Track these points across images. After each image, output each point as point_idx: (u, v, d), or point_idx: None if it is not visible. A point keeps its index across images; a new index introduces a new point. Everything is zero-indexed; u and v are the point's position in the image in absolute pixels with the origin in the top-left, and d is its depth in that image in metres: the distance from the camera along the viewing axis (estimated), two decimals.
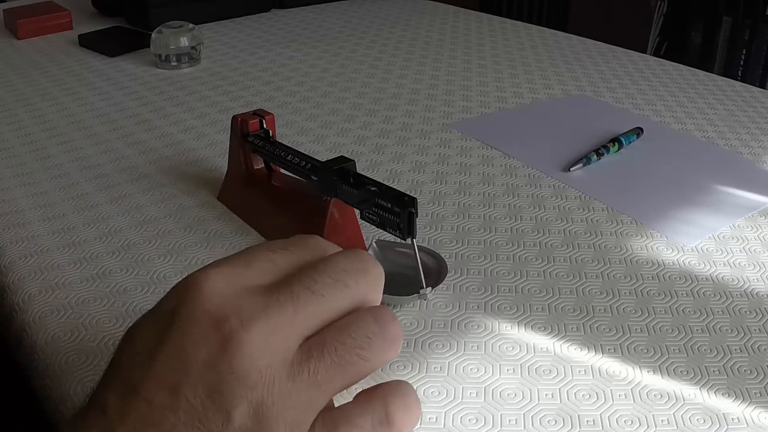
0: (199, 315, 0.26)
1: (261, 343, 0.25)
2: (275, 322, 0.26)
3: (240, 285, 0.27)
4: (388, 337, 0.28)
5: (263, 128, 0.59)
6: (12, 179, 0.69)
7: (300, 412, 0.26)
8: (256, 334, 0.25)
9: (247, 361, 0.25)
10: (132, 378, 0.26)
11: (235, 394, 0.25)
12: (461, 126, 0.82)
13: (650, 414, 0.41)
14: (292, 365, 0.26)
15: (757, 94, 0.93)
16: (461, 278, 0.53)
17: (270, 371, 0.25)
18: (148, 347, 0.26)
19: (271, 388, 0.25)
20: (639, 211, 0.63)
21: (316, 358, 0.27)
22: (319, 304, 0.27)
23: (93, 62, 1.07)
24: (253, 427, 0.25)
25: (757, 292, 0.52)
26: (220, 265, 0.28)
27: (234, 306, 0.26)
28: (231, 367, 0.25)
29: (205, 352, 0.25)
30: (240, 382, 0.25)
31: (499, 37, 1.21)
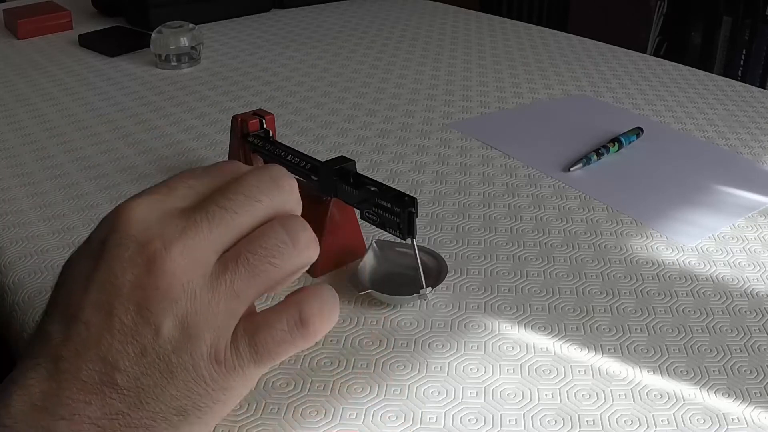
0: (125, 241, 0.28)
1: (181, 261, 0.28)
2: (193, 241, 0.28)
3: (162, 210, 0.29)
4: (298, 245, 0.30)
5: (263, 128, 0.59)
6: (12, 179, 0.69)
7: (222, 320, 0.29)
8: (176, 254, 0.28)
9: (170, 278, 0.28)
10: (71, 305, 0.28)
11: (161, 309, 0.28)
12: (461, 126, 0.82)
13: (650, 414, 0.41)
14: (211, 278, 0.29)
15: (757, 94, 0.93)
16: (461, 278, 0.53)
17: (191, 286, 0.28)
18: (83, 275, 0.29)
19: (193, 300, 0.28)
20: (639, 211, 0.63)
21: (232, 269, 0.29)
22: (232, 220, 0.29)
23: (93, 62, 1.07)
24: (180, 336, 0.28)
25: (757, 292, 0.52)
26: (144, 193, 0.30)
27: (157, 230, 0.28)
28: (156, 284, 0.28)
29: (132, 273, 0.28)
30: (164, 297, 0.28)
31: (499, 37, 1.21)
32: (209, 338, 0.28)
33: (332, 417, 0.40)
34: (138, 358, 0.28)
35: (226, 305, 0.29)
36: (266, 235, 0.30)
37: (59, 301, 0.29)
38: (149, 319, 0.28)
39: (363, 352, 0.45)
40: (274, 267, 0.30)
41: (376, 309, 0.50)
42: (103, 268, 0.28)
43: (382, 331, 0.47)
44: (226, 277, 0.29)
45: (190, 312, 0.28)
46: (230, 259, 0.29)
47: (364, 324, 0.48)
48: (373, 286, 0.50)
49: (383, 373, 0.44)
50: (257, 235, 0.30)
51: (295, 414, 0.41)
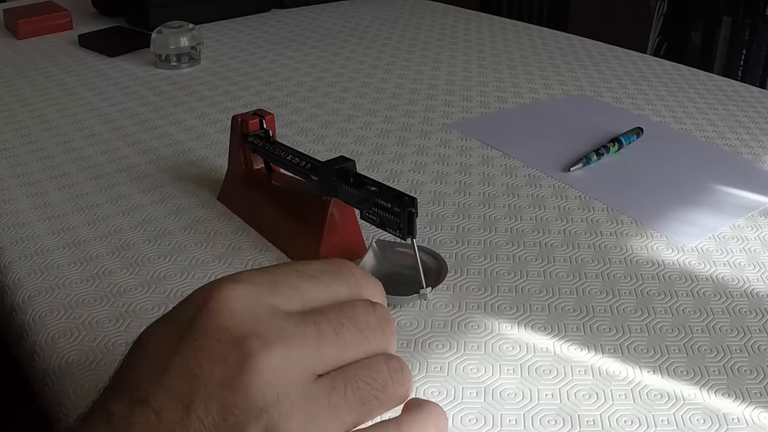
0: (218, 330, 0.25)
1: (279, 368, 0.25)
2: (297, 350, 0.26)
3: (263, 306, 0.26)
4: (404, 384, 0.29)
5: (263, 128, 0.59)
6: (12, 179, 0.69)
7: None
8: (275, 358, 0.25)
9: (265, 384, 0.25)
10: (141, 387, 0.25)
11: (248, 416, 0.24)
12: (461, 126, 0.82)
13: (650, 414, 0.41)
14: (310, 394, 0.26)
15: (757, 94, 0.93)
16: (461, 278, 0.53)
17: (288, 397, 0.25)
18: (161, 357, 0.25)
19: (288, 415, 0.25)
20: (639, 211, 0.63)
21: (339, 390, 0.27)
22: (341, 348, 0.27)
23: (93, 62, 1.07)
24: None
25: (757, 292, 0.52)
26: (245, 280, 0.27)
27: (256, 326, 0.25)
28: (246, 388, 0.24)
29: (221, 370, 0.25)
30: (254, 405, 0.24)
31: (499, 37, 1.21)
32: None
33: None
34: None
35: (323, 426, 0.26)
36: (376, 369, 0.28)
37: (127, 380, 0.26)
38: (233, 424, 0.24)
39: None
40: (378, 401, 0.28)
41: None
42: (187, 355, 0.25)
43: None
44: (330, 397, 0.26)
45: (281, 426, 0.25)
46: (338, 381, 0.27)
47: None
48: None
49: None
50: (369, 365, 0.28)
51: None
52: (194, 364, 0.25)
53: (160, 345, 0.26)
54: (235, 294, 0.26)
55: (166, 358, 0.25)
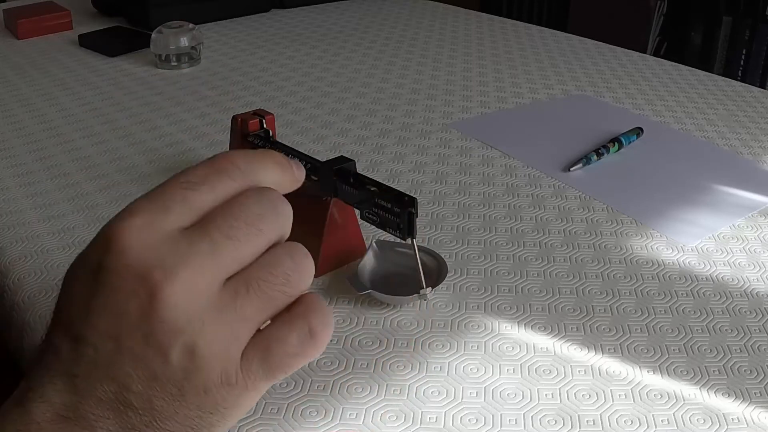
0: (123, 269, 0.28)
1: (185, 292, 0.28)
2: (196, 269, 0.28)
3: (159, 233, 0.29)
4: (303, 271, 0.31)
5: (263, 128, 0.59)
6: (12, 179, 0.69)
7: (231, 347, 0.29)
8: (179, 284, 0.27)
9: (174, 308, 0.27)
10: (75, 324, 0.28)
11: (168, 339, 0.27)
12: (461, 126, 0.82)
13: (650, 414, 0.41)
14: (217, 305, 0.28)
15: (757, 94, 0.93)
16: (461, 278, 0.53)
17: (197, 315, 0.28)
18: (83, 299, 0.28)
19: (201, 329, 0.28)
20: (639, 211, 0.63)
21: (242, 295, 0.29)
22: (236, 249, 0.29)
23: (93, 62, 1.07)
24: (189, 364, 0.28)
25: (757, 292, 0.52)
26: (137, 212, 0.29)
27: (155, 257, 0.28)
28: (160, 316, 0.27)
29: (135, 304, 0.27)
30: (170, 329, 0.27)
31: (499, 37, 1.21)
32: (219, 365, 0.29)
33: (332, 417, 0.40)
34: (149, 382, 0.28)
35: (236, 331, 0.29)
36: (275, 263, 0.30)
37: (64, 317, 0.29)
38: (157, 348, 0.28)
39: (363, 352, 0.45)
40: (283, 294, 0.30)
41: (376, 309, 0.50)
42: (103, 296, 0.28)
43: (382, 331, 0.47)
44: (236, 304, 0.29)
45: (198, 342, 0.28)
46: (240, 286, 0.29)
47: (364, 324, 0.48)
48: (373, 286, 0.50)
49: (383, 373, 0.44)
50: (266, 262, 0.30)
51: (295, 414, 0.41)
52: (112, 303, 0.28)
53: (80, 288, 0.29)
54: (131, 229, 0.28)
55: (87, 300, 0.28)
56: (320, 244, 0.52)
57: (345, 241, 0.54)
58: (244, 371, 0.29)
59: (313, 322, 0.30)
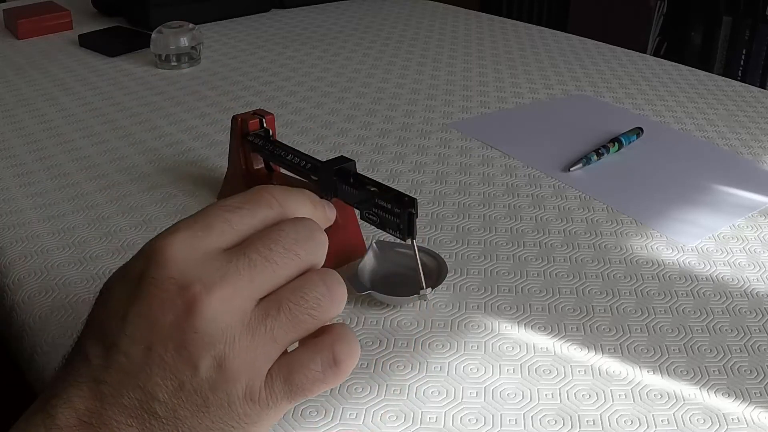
0: (164, 280, 0.29)
1: (221, 306, 0.29)
2: (234, 287, 0.29)
3: (201, 250, 0.30)
4: (335, 298, 0.32)
5: (263, 128, 0.59)
6: (12, 179, 0.69)
7: (258, 364, 0.30)
8: (216, 299, 0.29)
9: (209, 321, 0.29)
10: (109, 333, 0.29)
11: (199, 351, 0.29)
12: (461, 126, 0.82)
13: (650, 414, 0.41)
14: (250, 323, 0.30)
15: (757, 94, 0.93)
16: (461, 278, 0.53)
17: (230, 330, 0.29)
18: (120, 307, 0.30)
19: (232, 344, 0.29)
20: (639, 211, 0.63)
21: (273, 316, 0.30)
22: (273, 271, 0.31)
23: (93, 62, 1.07)
24: (217, 376, 0.29)
25: (757, 292, 0.52)
26: (181, 229, 0.31)
27: (196, 272, 0.29)
28: (194, 327, 0.29)
29: (171, 314, 0.29)
30: (203, 341, 0.29)
31: (499, 37, 1.21)
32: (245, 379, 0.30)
33: (332, 417, 0.40)
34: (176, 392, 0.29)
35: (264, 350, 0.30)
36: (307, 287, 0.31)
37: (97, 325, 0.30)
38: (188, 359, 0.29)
39: (363, 352, 0.45)
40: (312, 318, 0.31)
41: (376, 309, 0.50)
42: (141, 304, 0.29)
43: (382, 331, 0.47)
44: (266, 324, 0.30)
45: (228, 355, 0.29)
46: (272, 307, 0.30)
47: (364, 324, 0.48)
48: (373, 286, 0.50)
49: (383, 373, 0.44)
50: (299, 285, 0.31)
51: (295, 414, 0.41)
52: (148, 312, 0.29)
53: (118, 296, 0.30)
54: (175, 245, 0.30)
55: (125, 308, 0.29)
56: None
57: (345, 241, 0.54)
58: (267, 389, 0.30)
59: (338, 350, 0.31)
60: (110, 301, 0.31)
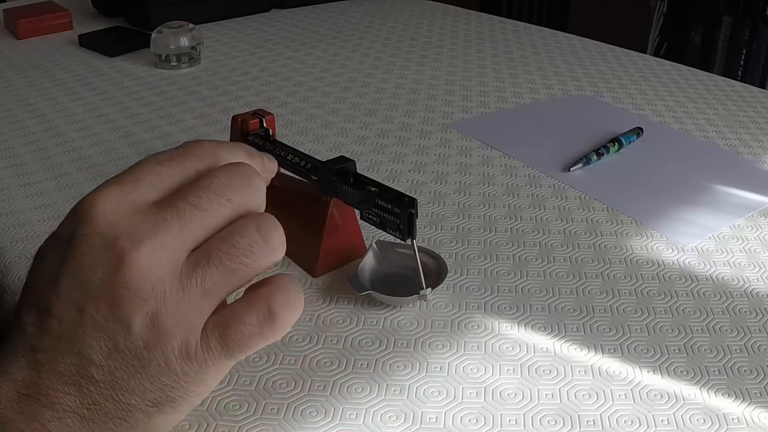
0: (93, 237, 0.28)
1: (150, 260, 0.28)
2: (162, 239, 0.28)
3: (129, 204, 0.29)
4: (270, 244, 0.30)
5: (263, 128, 0.59)
6: (12, 179, 0.69)
7: (192, 318, 0.29)
8: (145, 252, 0.28)
9: (139, 276, 0.28)
10: (42, 298, 0.29)
11: (131, 307, 0.28)
12: (461, 126, 0.82)
13: (650, 414, 0.41)
14: (180, 276, 0.29)
15: (757, 94, 0.93)
16: (461, 278, 0.53)
17: (161, 284, 0.28)
18: (52, 269, 0.29)
19: (163, 298, 0.28)
20: (639, 211, 0.63)
21: (203, 268, 0.29)
22: (203, 219, 0.30)
23: (93, 62, 1.07)
24: (150, 334, 0.28)
25: (757, 292, 0.52)
26: (111, 185, 0.30)
27: (124, 226, 0.28)
28: (125, 283, 0.28)
29: (101, 271, 0.28)
30: (134, 296, 0.28)
31: (499, 37, 1.21)
32: (180, 335, 0.29)
33: (332, 417, 0.40)
34: (111, 353, 0.28)
35: (197, 303, 0.29)
36: (239, 234, 0.30)
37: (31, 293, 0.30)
38: (120, 317, 0.28)
39: (363, 352, 0.45)
40: (246, 266, 0.30)
41: (376, 309, 0.50)
42: (71, 264, 0.28)
43: (382, 331, 0.47)
44: (197, 276, 0.29)
45: (160, 310, 0.28)
46: (201, 258, 0.29)
47: (364, 324, 0.48)
48: (373, 286, 0.50)
49: (383, 373, 0.44)
50: (229, 233, 0.30)
51: (295, 414, 0.41)
52: (79, 271, 0.28)
53: (50, 259, 0.29)
54: (102, 199, 0.29)
55: (56, 271, 0.29)
56: (320, 244, 0.52)
57: (345, 241, 0.54)
58: (203, 345, 0.29)
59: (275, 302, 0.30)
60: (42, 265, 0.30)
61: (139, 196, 0.30)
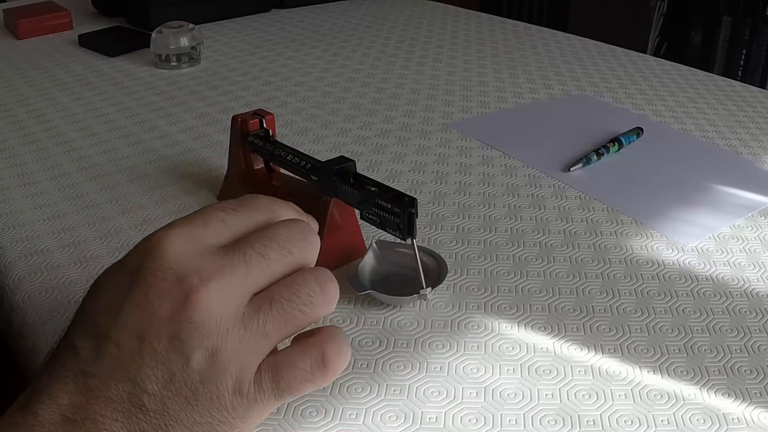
0: (163, 271, 0.29)
1: (216, 298, 0.29)
2: (228, 280, 0.30)
3: (198, 245, 0.31)
4: (327, 296, 0.32)
5: (263, 128, 0.59)
6: (12, 179, 0.69)
7: (250, 357, 0.30)
8: (213, 290, 0.29)
9: (205, 313, 0.29)
10: (101, 325, 0.29)
11: (193, 341, 0.29)
12: (461, 126, 0.82)
13: (650, 414, 0.41)
14: (243, 317, 0.30)
15: (757, 94, 0.93)
16: (461, 278, 0.53)
17: (224, 322, 0.29)
18: (116, 297, 0.30)
19: (225, 336, 0.29)
20: (639, 211, 0.63)
21: (265, 311, 0.31)
22: (267, 267, 0.31)
23: (93, 62, 1.07)
24: (208, 368, 0.29)
25: (757, 292, 0.52)
26: (180, 225, 0.32)
27: (194, 265, 0.30)
28: (190, 318, 0.29)
29: (168, 304, 0.29)
30: (198, 331, 0.29)
31: (499, 37, 1.21)
32: (235, 372, 0.30)
33: (332, 417, 0.40)
34: (166, 384, 0.29)
35: (255, 344, 0.30)
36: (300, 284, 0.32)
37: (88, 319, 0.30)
38: (181, 349, 0.29)
39: (363, 352, 0.45)
40: (303, 314, 0.32)
41: (376, 309, 0.50)
42: (138, 294, 0.29)
43: (382, 331, 0.47)
44: (258, 318, 0.30)
45: (221, 347, 0.29)
46: (264, 302, 0.31)
47: (364, 324, 0.48)
48: (373, 286, 0.50)
49: (383, 373, 0.44)
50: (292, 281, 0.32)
51: (295, 414, 0.41)
52: (144, 301, 0.29)
53: (114, 287, 0.30)
54: (173, 239, 0.30)
55: (120, 298, 0.29)
56: (320, 244, 0.52)
57: (345, 241, 0.54)
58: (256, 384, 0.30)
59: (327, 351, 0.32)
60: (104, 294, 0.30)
61: (207, 237, 0.31)
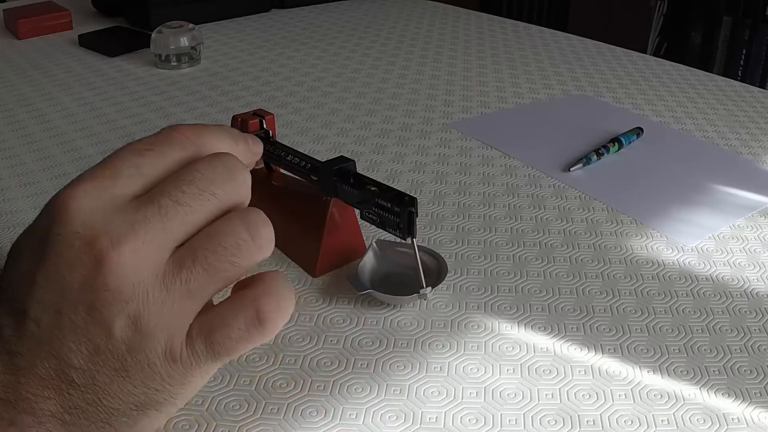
0: (69, 237, 0.27)
1: (131, 260, 0.27)
2: (143, 238, 0.27)
3: (107, 200, 0.28)
4: (258, 242, 0.29)
5: (263, 128, 0.59)
6: (12, 179, 0.69)
7: (176, 320, 0.28)
8: (126, 252, 0.26)
9: (120, 278, 0.26)
10: (17, 300, 0.27)
11: (112, 310, 0.27)
12: (461, 126, 0.82)
13: (650, 414, 0.41)
14: (164, 277, 0.27)
15: (757, 94, 0.93)
16: (461, 278, 0.53)
17: (143, 285, 0.27)
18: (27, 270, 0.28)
19: (146, 300, 0.27)
20: (639, 211, 0.63)
21: (188, 268, 0.28)
22: (186, 215, 0.28)
23: (93, 62, 1.07)
24: (133, 336, 0.27)
25: (757, 292, 0.52)
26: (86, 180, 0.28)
27: (102, 225, 0.27)
28: (105, 285, 0.26)
29: (79, 273, 0.26)
30: (115, 298, 0.26)
31: (499, 37, 1.21)
32: (163, 338, 0.27)
33: (332, 417, 0.40)
34: (91, 356, 0.27)
35: (181, 305, 0.28)
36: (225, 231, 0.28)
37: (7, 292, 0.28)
38: (101, 320, 0.27)
39: (363, 352, 0.45)
40: (233, 266, 0.28)
41: (376, 309, 0.50)
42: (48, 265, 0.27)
43: (382, 331, 0.47)
44: (181, 276, 0.27)
45: (143, 312, 0.27)
46: (186, 257, 0.28)
47: (364, 324, 0.48)
48: (373, 286, 0.50)
49: (383, 373, 0.44)
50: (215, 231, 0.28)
51: (295, 414, 0.41)
52: (55, 273, 0.27)
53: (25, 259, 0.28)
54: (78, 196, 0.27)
55: (32, 271, 0.27)
56: (320, 244, 0.52)
57: (345, 241, 0.54)
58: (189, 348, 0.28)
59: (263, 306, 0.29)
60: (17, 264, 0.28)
61: (117, 191, 0.28)
